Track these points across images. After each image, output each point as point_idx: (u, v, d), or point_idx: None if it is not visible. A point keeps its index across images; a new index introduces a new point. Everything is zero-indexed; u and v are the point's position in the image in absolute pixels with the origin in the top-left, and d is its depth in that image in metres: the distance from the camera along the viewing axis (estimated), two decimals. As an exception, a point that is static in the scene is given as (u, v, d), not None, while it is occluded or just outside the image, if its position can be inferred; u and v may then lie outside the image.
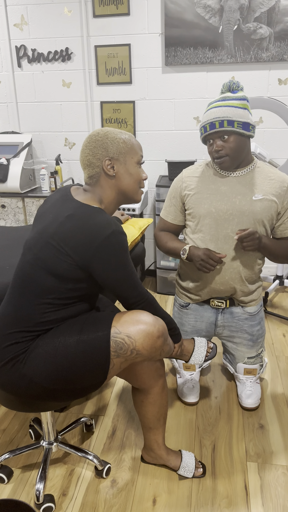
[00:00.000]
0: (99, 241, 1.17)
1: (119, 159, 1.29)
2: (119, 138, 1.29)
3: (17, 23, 2.87)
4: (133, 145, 1.31)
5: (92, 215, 1.20)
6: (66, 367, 1.23)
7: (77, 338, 1.25)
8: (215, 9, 2.60)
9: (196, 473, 1.54)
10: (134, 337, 1.24)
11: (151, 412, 1.45)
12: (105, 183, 1.30)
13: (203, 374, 2.13)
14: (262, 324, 1.87)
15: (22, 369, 1.24)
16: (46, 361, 1.23)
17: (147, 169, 3.08)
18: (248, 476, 1.55)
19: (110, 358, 1.24)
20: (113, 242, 1.18)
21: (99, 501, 1.46)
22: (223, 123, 1.52)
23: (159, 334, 1.27)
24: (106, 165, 1.27)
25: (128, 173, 1.31)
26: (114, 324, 1.26)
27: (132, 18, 2.74)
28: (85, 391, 1.29)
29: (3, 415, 1.87)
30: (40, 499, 1.42)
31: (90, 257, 1.19)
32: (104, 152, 1.27)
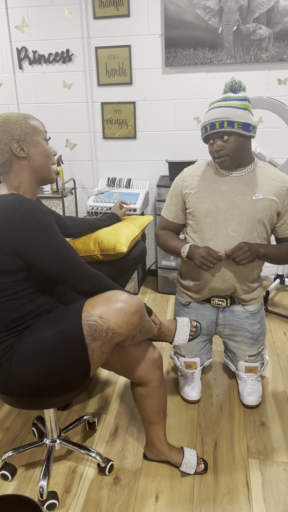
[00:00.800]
0: (16, 222, 1.17)
1: (26, 139, 1.30)
2: (21, 119, 1.30)
3: (18, 25, 2.89)
4: (35, 124, 1.32)
5: (6, 201, 1.20)
6: (48, 361, 1.24)
7: (53, 330, 1.25)
8: (215, 10, 2.62)
9: (198, 469, 1.55)
10: (106, 316, 1.22)
11: (150, 405, 1.46)
12: (18, 166, 1.31)
13: (205, 372, 2.14)
14: (263, 323, 1.88)
15: (9, 369, 1.26)
16: (29, 358, 1.24)
17: (148, 169, 3.09)
18: (250, 472, 1.56)
19: (86, 343, 1.23)
20: (29, 221, 1.17)
21: (102, 498, 1.48)
22: (223, 123, 1.54)
23: (133, 310, 1.23)
24: (15, 147, 1.28)
25: (38, 151, 1.32)
26: (86, 308, 1.25)
27: (132, 19, 2.75)
28: (75, 382, 1.30)
29: (6, 413, 1.88)
30: (43, 495, 1.44)
31: (13, 242, 1.19)
32: (9, 136, 1.28)
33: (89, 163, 3.16)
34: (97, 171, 3.18)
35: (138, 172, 3.12)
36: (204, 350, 1.95)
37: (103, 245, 1.72)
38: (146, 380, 1.42)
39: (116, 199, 2.88)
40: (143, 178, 3.13)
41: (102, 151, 3.11)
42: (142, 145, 3.04)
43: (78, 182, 3.23)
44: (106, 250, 1.72)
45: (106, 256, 1.75)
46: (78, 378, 1.29)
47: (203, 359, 1.96)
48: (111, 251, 1.71)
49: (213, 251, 1.60)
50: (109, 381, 2.09)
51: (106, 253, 1.73)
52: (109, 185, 3.06)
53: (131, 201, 2.84)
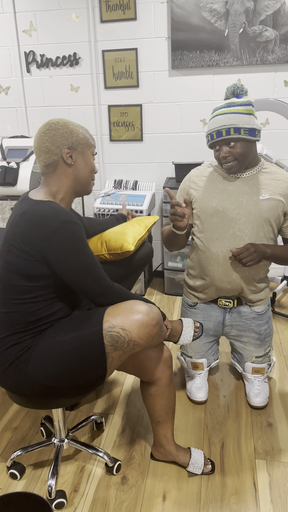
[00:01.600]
0: (49, 232, 1.19)
1: (77, 148, 1.33)
2: (78, 129, 1.35)
3: (26, 29, 2.92)
4: (89, 137, 1.37)
5: (41, 208, 1.22)
6: (64, 364, 1.26)
7: (72, 335, 1.27)
8: (221, 12, 2.63)
9: (205, 470, 1.56)
10: (128, 328, 1.25)
11: (159, 404, 1.47)
12: (62, 171, 1.33)
13: (212, 374, 2.15)
14: (270, 323, 1.89)
15: (25, 370, 1.27)
16: (46, 360, 1.26)
17: (154, 171, 3.11)
18: (257, 473, 1.56)
19: (107, 352, 1.26)
20: (62, 231, 1.19)
21: (109, 497, 1.49)
22: (229, 131, 1.55)
23: (154, 322, 1.27)
24: (66, 153, 1.31)
25: (84, 163, 1.36)
26: (107, 318, 1.27)
27: (139, 22, 2.78)
28: (89, 386, 1.32)
29: (14, 413, 1.90)
30: (52, 494, 1.45)
31: (44, 249, 1.21)
32: (64, 141, 1.31)
33: (96, 165, 3.18)
34: (104, 173, 3.20)
35: (145, 174, 3.14)
36: (211, 351, 1.96)
37: (110, 244, 1.74)
38: (156, 379, 1.44)
39: (123, 201, 2.89)
40: (149, 180, 3.15)
41: (109, 154, 3.14)
42: (149, 147, 3.06)
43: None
44: (113, 249, 1.74)
45: (114, 256, 1.76)
46: (93, 382, 1.32)
47: (210, 360, 1.97)
48: (118, 250, 1.73)
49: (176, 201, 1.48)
50: (116, 382, 2.10)
51: (114, 252, 1.74)
52: (115, 187, 3.08)
53: (137, 203, 2.86)
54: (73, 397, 1.35)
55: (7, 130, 3.21)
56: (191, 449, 1.59)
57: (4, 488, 1.54)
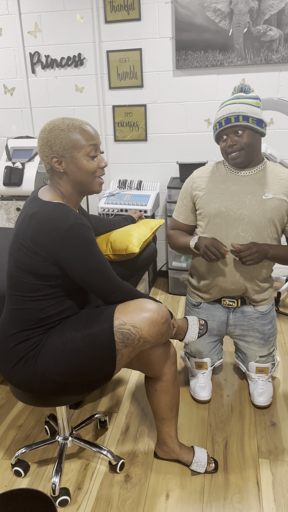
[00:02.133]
0: (60, 234, 1.20)
1: (65, 155, 1.28)
2: (63, 134, 1.27)
3: (31, 30, 2.94)
4: (78, 138, 1.27)
5: (52, 210, 1.23)
6: (75, 361, 1.27)
7: (83, 332, 1.29)
8: (225, 12, 2.63)
9: (208, 469, 1.56)
10: (139, 326, 1.27)
11: (164, 401, 1.48)
12: (59, 178, 1.33)
13: (215, 373, 2.15)
14: (274, 323, 1.89)
15: (34, 365, 1.29)
16: (56, 356, 1.28)
17: (159, 171, 3.11)
18: (260, 472, 1.56)
19: (117, 349, 1.28)
20: (74, 234, 1.21)
21: (113, 495, 1.49)
22: (238, 118, 1.56)
23: (163, 320, 1.30)
24: (53, 162, 1.29)
25: (77, 167, 1.29)
26: (118, 315, 1.29)
27: (143, 23, 2.78)
28: (98, 382, 1.33)
29: (19, 411, 1.92)
30: (56, 492, 1.46)
31: (55, 251, 1.22)
32: (49, 151, 1.28)
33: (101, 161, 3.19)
34: (108, 173, 3.21)
35: (149, 174, 3.15)
36: (214, 351, 1.96)
37: (115, 245, 1.75)
38: (161, 374, 1.45)
39: (127, 201, 2.90)
40: (153, 180, 3.15)
41: (113, 154, 3.15)
42: (153, 147, 3.06)
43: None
44: (118, 250, 1.75)
45: (118, 256, 1.77)
46: (101, 379, 1.33)
47: (213, 359, 1.97)
48: (123, 251, 1.73)
49: (219, 242, 1.60)
50: (120, 381, 2.11)
51: (118, 253, 1.75)
52: (120, 187, 3.09)
53: (142, 203, 2.86)
54: (81, 394, 1.36)
55: (12, 130, 3.23)
56: (194, 447, 1.60)
57: (8, 485, 1.55)
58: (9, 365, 1.32)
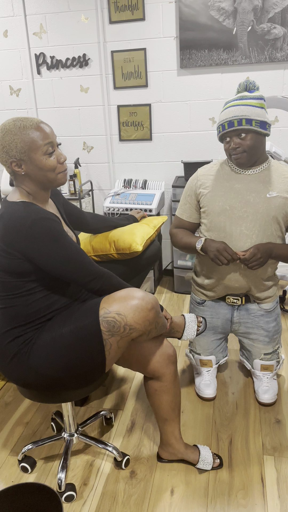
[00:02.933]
0: (24, 232, 1.22)
1: (23, 158, 1.28)
2: (17, 138, 1.26)
3: (36, 31, 2.97)
4: (33, 140, 1.27)
5: (15, 210, 1.26)
6: (65, 354, 1.30)
7: (71, 326, 1.31)
8: (229, 11, 2.64)
9: (214, 465, 1.57)
10: (123, 313, 1.27)
11: (165, 401, 1.49)
12: (22, 179, 1.34)
13: (220, 371, 2.16)
14: (278, 321, 1.89)
15: (28, 361, 1.32)
16: (47, 351, 1.31)
17: (164, 170, 3.12)
18: (265, 469, 1.57)
19: (104, 338, 1.29)
20: (36, 229, 1.22)
21: (118, 491, 1.51)
22: (241, 121, 1.56)
23: (149, 306, 1.29)
24: (14, 166, 1.30)
25: (37, 167, 1.30)
26: (104, 306, 1.30)
27: (147, 23, 2.79)
28: (91, 375, 1.34)
29: (26, 409, 1.94)
30: (62, 487, 1.48)
31: (23, 248, 1.24)
32: (6, 156, 1.29)
33: (105, 165, 3.21)
34: (114, 173, 3.22)
35: (154, 173, 3.16)
36: (219, 348, 1.97)
37: (118, 244, 1.76)
38: (160, 374, 1.45)
39: (132, 200, 2.92)
40: (158, 179, 3.17)
41: (118, 153, 3.16)
42: (158, 147, 3.08)
43: (95, 184, 3.29)
44: (121, 249, 1.76)
45: (122, 255, 1.79)
46: (94, 372, 1.34)
47: (218, 357, 1.98)
48: (126, 250, 1.75)
49: (230, 248, 1.62)
50: (125, 379, 2.13)
51: (122, 252, 1.76)
52: (125, 187, 3.10)
53: (147, 202, 2.88)
54: (77, 388, 1.37)
55: (19, 131, 3.26)
56: (198, 446, 1.60)
57: (15, 481, 1.57)
58: (5, 361, 1.36)
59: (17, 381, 1.36)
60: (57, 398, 1.40)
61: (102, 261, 1.89)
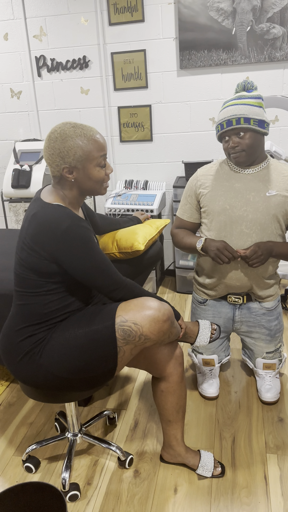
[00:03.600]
0: (58, 235, 1.24)
1: (77, 166, 1.30)
2: (77, 145, 1.27)
3: (37, 34, 2.98)
4: (91, 150, 1.29)
5: (51, 212, 1.27)
6: (77, 357, 1.30)
7: (85, 329, 1.32)
8: (228, 11, 2.65)
9: (215, 473, 1.55)
10: (140, 323, 1.29)
11: (170, 402, 1.49)
12: (66, 184, 1.35)
13: (223, 370, 2.16)
14: (280, 319, 1.89)
15: (39, 361, 1.33)
16: (60, 352, 1.31)
17: (165, 170, 3.13)
18: (268, 467, 1.57)
19: (118, 346, 1.30)
20: (70, 235, 1.24)
21: (122, 490, 1.52)
22: (239, 120, 1.57)
23: (165, 318, 1.31)
24: (65, 172, 1.31)
25: (87, 177, 1.32)
26: (120, 313, 1.32)
27: (147, 24, 2.81)
28: (100, 379, 1.36)
29: (30, 409, 1.95)
30: (66, 487, 1.49)
31: (54, 251, 1.26)
32: (61, 161, 1.29)
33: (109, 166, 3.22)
34: (115, 174, 3.24)
35: (155, 173, 3.17)
36: (221, 348, 1.97)
37: (121, 243, 1.77)
38: (167, 374, 1.46)
39: (134, 201, 2.93)
40: (159, 179, 3.18)
41: (119, 154, 3.17)
42: (159, 147, 3.09)
43: (97, 185, 3.30)
44: (123, 248, 1.77)
45: (124, 254, 1.80)
46: (104, 376, 1.36)
47: (221, 356, 1.98)
48: (128, 249, 1.76)
49: (230, 247, 1.63)
50: (129, 378, 2.14)
51: (124, 251, 1.78)
52: (126, 187, 3.11)
53: (148, 203, 2.89)
54: (84, 390, 1.38)
55: (20, 133, 3.28)
56: (200, 451, 1.59)
57: (20, 481, 1.58)
58: (15, 359, 1.36)
59: (25, 380, 1.36)
60: (62, 398, 1.41)
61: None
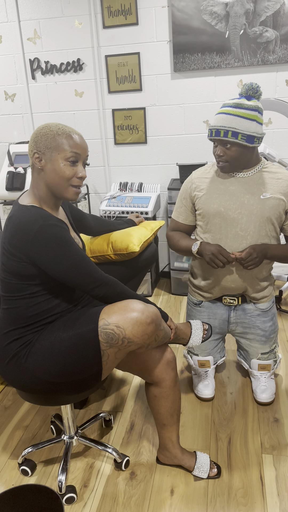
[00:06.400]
0: (31, 236, 1.24)
1: (45, 153, 1.31)
2: (51, 134, 1.31)
3: (31, 37, 2.99)
4: (62, 142, 1.30)
5: (25, 214, 1.27)
6: (61, 360, 1.30)
7: (70, 333, 1.32)
8: (221, 15, 2.67)
9: (211, 474, 1.55)
10: (122, 326, 1.27)
11: (164, 407, 1.49)
12: (37, 176, 1.36)
13: (218, 371, 2.17)
14: (275, 320, 1.91)
15: (25, 364, 1.33)
16: (44, 355, 1.31)
17: (159, 173, 3.14)
18: (264, 467, 1.58)
19: (102, 349, 1.29)
20: (44, 235, 1.24)
21: (119, 492, 1.52)
22: (227, 133, 1.57)
23: (149, 320, 1.29)
24: (34, 158, 1.33)
25: (53, 168, 1.32)
26: (103, 316, 1.31)
27: (141, 27, 2.82)
28: (87, 383, 1.35)
29: (25, 412, 1.94)
30: (62, 490, 1.48)
31: (30, 252, 1.26)
32: (34, 145, 1.33)
33: (101, 168, 3.23)
34: (109, 176, 3.24)
35: (150, 176, 3.18)
36: (217, 349, 1.98)
37: (116, 245, 1.78)
38: (159, 380, 1.45)
39: (128, 203, 2.93)
40: (154, 181, 3.19)
41: (114, 157, 3.18)
42: (153, 150, 3.10)
43: (91, 187, 3.30)
44: (119, 249, 1.78)
45: (119, 256, 1.80)
46: (90, 380, 1.35)
47: (216, 357, 1.99)
48: (123, 250, 1.77)
49: (225, 250, 1.64)
50: (124, 381, 2.14)
51: (119, 252, 1.78)
52: (121, 190, 3.12)
53: (143, 205, 2.90)
54: (72, 394, 1.38)
55: (14, 136, 3.27)
56: (196, 453, 1.59)
57: (16, 484, 1.58)
58: (3, 362, 1.37)
59: (13, 383, 1.37)
60: (56, 401, 1.41)
61: (100, 263, 1.91)
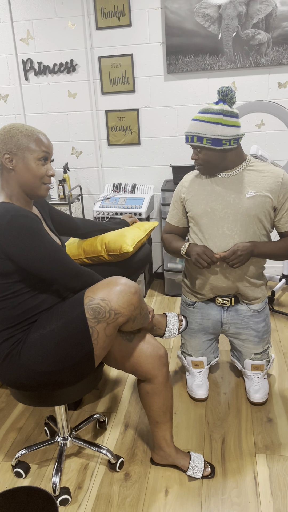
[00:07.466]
0: (3, 228, 1.25)
1: (17, 153, 1.34)
2: (21, 133, 1.34)
3: (23, 37, 2.98)
4: (31, 142, 1.34)
5: None
6: (53, 347, 1.31)
7: (58, 322, 1.33)
8: (214, 17, 2.68)
9: (205, 473, 1.56)
10: (107, 298, 1.29)
11: (156, 403, 1.50)
12: (7, 176, 1.37)
13: (212, 371, 2.18)
14: (268, 321, 1.92)
15: (18, 360, 1.33)
16: (36, 348, 1.32)
17: (152, 174, 3.15)
18: (257, 467, 1.59)
19: (90, 326, 1.30)
20: (14, 226, 1.25)
21: (113, 493, 1.52)
22: (193, 138, 1.65)
23: (133, 290, 1.32)
24: (4, 158, 1.34)
25: (26, 168, 1.35)
26: (88, 294, 1.32)
27: (134, 29, 2.83)
28: (82, 367, 1.34)
29: (19, 414, 1.94)
30: (56, 491, 1.48)
31: (2, 245, 1.26)
32: (3, 146, 1.34)
33: (94, 169, 3.23)
34: (103, 177, 3.24)
35: (143, 177, 3.18)
36: (210, 349, 1.99)
37: (109, 246, 1.78)
38: (152, 376, 1.46)
39: (122, 204, 2.94)
40: (147, 183, 3.19)
41: (107, 158, 3.18)
42: (146, 151, 3.10)
43: (85, 189, 3.30)
44: (112, 250, 1.78)
45: (113, 257, 1.81)
46: (84, 363, 1.34)
47: (209, 358, 2.00)
48: (117, 251, 1.77)
49: (209, 250, 1.66)
50: (118, 382, 2.14)
51: (113, 253, 1.78)
52: (114, 191, 3.12)
53: (136, 206, 2.90)
54: (69, 384, 1.37)
55: (7, 137, 3.26)
56: (191, 453, 1.59)
57: (9, 486, 1.57)
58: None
59: (9, 382, 1.37)
60: (50, 400, 1.41)
61: (94, 264, 1.91)
